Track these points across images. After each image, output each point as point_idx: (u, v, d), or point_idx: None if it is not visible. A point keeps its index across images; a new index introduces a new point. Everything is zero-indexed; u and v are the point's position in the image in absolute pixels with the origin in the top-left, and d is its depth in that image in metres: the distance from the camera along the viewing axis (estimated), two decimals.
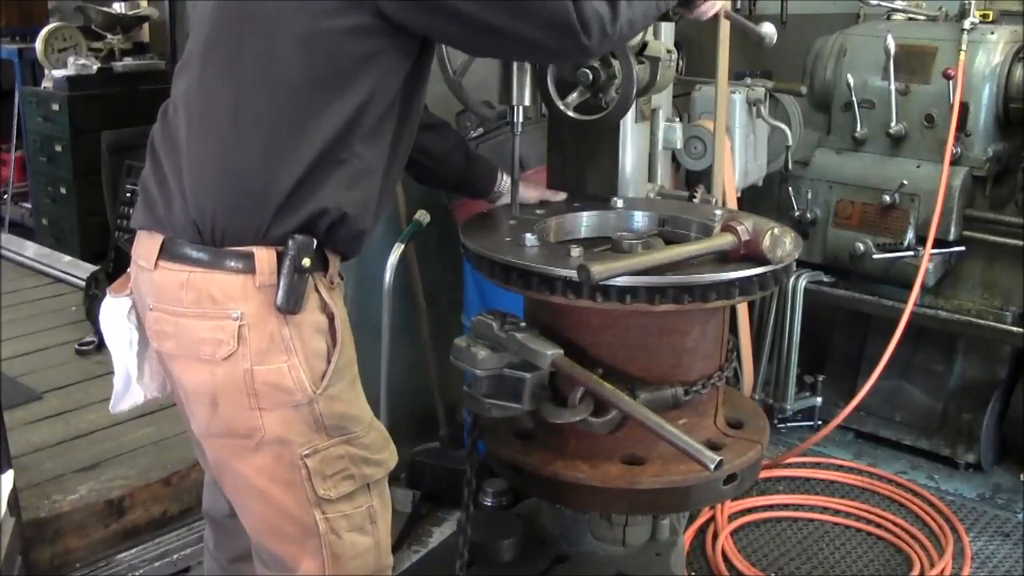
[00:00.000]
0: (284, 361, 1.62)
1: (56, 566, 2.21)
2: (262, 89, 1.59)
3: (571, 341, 1.93)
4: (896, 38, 3.39)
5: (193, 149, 1.63)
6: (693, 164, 3.03)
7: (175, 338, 1.64)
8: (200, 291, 1.61)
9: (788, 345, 3.71)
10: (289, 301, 1.60)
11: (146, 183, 1.72)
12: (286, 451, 1.65)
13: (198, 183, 1.61)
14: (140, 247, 1.71)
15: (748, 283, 1.89)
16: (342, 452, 1.69)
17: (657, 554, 2.32)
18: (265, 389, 1.62)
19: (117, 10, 5.98)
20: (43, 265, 3.98)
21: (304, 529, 1.70)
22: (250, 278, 1.60)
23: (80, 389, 2.85)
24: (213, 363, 1.61)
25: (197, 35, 1.71)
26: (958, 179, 3.38)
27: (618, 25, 1.66)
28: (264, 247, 1.60)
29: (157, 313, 1.66)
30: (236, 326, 1.59)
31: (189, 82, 1.67)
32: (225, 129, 1.60)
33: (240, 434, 1.64)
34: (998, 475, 3.62)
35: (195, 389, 1.66)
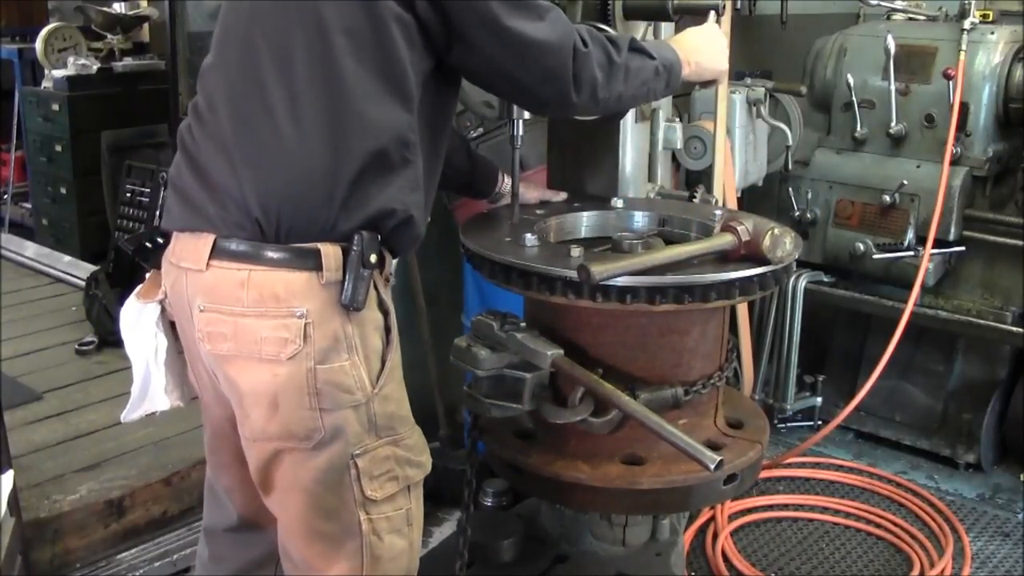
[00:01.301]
0: (346, 359, 1.61)
1: (56, 566, 2.21)
2: (319, 83, 1.57)
3: (571, 341, 1.93)
4: (896, 38, 3.39)
5: (246, 146, 1.60)
6: (693, 164, 3.03)
7: (233, 339, 1.60)
8: (262, 289, 1.57)
9: (788, 345, 3.71)
10: (355, 298, 1.59)
11: (182, 183, 1.68)
12: (340, 452, 1.64)
13: (258, 180, 1.58)
14: (183, 248, 1.66)
15: (748, 283, 1.89)
16: (389, 453, 1.69)
17: (657, 554, 2.32)
18: (327, 389, 1.60)
19: (117, 10, 5.99)
20: (43, 265, 3.98)
21: (346, 530, 1.68)
22: (315, 275, 1.58)
23: (80, 389, 2.85)
24: (276, 363, 1.58)
25: (232, 30, 1.68)
26: (958, 179, 3.38)
27: (609, 94, 1.78)
28: (330, 243, 1.58)
29: (211, 314, 1.61)
30: (302, 324, 1.57)
31: (231, 78, 1.64)
32: (284, 125, 1.57)
33: (298, 435, 1.62)
34: (998, 475, 3.62)
35: (254, 390, 1.61)
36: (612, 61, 1.75)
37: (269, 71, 1.59)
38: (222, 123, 1.63)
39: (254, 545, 1.91)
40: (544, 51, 1.66)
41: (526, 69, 1.68)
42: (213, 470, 1.90)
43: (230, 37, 1.68)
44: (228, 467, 1.85)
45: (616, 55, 1.77)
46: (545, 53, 1.66)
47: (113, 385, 2.85)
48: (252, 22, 1.63)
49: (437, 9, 1.59)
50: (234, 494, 1.88)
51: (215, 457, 1.87)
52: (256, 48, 1.61)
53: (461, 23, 1.61)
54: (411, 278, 3.41)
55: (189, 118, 1.71)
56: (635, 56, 1.81)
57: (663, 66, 1.87)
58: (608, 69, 1.74)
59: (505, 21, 1.61)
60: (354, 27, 1.56)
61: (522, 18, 1.62)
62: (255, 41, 1.61)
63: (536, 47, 1.65)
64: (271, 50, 1.60)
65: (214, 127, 1.64)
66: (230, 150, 1.60)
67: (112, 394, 2.79)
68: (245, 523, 1.90)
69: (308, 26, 1.57)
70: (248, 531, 1.90)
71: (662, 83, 1.88)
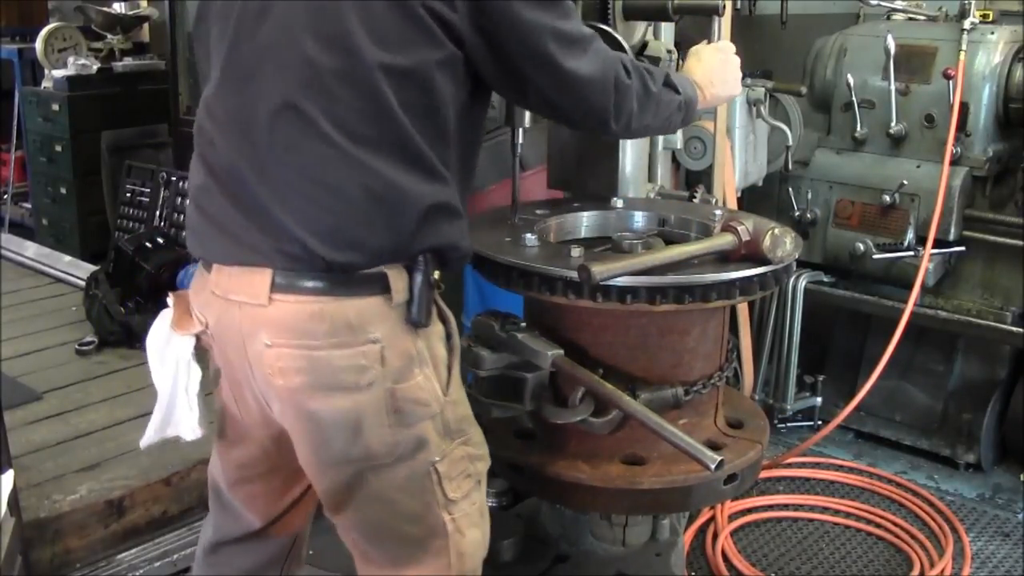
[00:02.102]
0: (419, 375, 1.62)
1: (56, 566, 2.21)
2: (373, 122, 1.53)
3: (572, 341, 1.93)
4: (896, 38, 3.39)
5: (302, 180, 1.54)
6: (693, 164, 3.03)
7: (309, 373, 1.57)
8: (335, 320, 1.55)
9: (788, 345, 3.71)
10: (423, 315, 1.60)
11: (219, 214, 1.61)
12: (421, 461, 1.65)
13: (320, 215, 1.54)
14: (232, 282, 1.60)
15: (748, 283, 1.89)
16: (463, 453, 1.71)
17: (657, 554, 2.32)
18: (406, 406, 1.61)
19: (117, 10, 5.98)
20: (43, 265, 3.98)
21: (431, 531, 1.70)
22: (384, 299, 1.58)
23: (80, 389, 2.85)
24: (356, 391, 1.57)
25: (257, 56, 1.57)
26: (958, 179, 3.38)
27: (640, 124, 1.80)
28: (395, 266, 1.58)
29: (281, 349, 1.57)
30: (378, 349, 1.57)
31: (269, 107, 1.54)
32: (343, 159, 1.53)
33: (380, 454, 1.62)
34: (998, 475, 3.62)
35: (335, 420, 1.60)
36: (648, 92, 1.78)
37: (314, 105, 1.52)
38: (265, 153, 1.56)
39: (267, 548, 1.92)
40: (592, 88, 1.68)
41: (573, 104, 1.71)
42: (235, 484, 1.87)
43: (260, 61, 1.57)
44: (259, 479, 1.83)
45: (652, 87, 1.79)
46: (594, 90, 1.69)
47: (113, 385, 2.85)
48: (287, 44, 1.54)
49: (493, 51, 1.59)
50: (257, 501, 1.87)
51: (243, 472, 1.84)
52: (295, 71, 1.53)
53: (519, 65, 1.62)
54: None
55: (213, 138, 1.63)
56: (666, 90, 1.84)
57: (685, 102, 1.89)
58: (644, 101, 1.77)
59: (562, 63, 1.62)
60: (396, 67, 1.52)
61: (576, 58, 1.64)
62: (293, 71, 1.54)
63: (586, 85, 1.67)
64: (314, 83, 1.52)
65: (254, 157, 1.57)
66: (280, 183, 1.55)
67: (112, 394, 2.79)
68: (264, 529, 1.89)
69: (354, 67, 1.52)
70: (265, 536, 1.90)
71: (680, 118, 1.91)
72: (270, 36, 1.56)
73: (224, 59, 1.62)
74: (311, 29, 1.53)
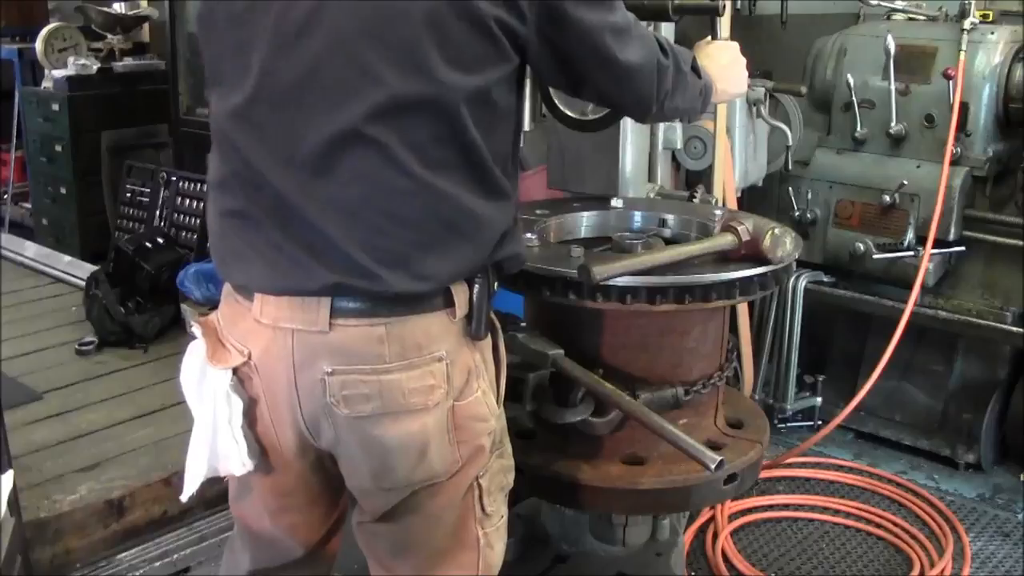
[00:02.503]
0: (477, 390, 1.59)
1: (56, 566, 2.20)
2: (447, 145, 1.48)
3: (572, 341, 1.93)
4: (896, 38, 3.39)
5: (371, 209, 1.47)
6: (693, 164, 3.03)
7: (379, 398, 1.51)
8: (404, 341, 1.51)
9: (788, 345, 3.71)
10: (482, 327, 1.58)
11: (263, 245, 1.52)
12: (469, 475, 1.63)
13: (392, 242, 1.48)
14: (283, 311, 1.52)
15: (749, 283, 1.89)
16: (499, 466, 1.69)
17: (657, 554, 2.33)
18: (465, 423, 1.58)
19: (117, 10, 5.98)
20: (43, 265, 3.97)
21: (463, 544, 1.67)
22: (447, 314, 1.54)
23: (80, 389, 2.84)
24: (425, 411, 1.53)
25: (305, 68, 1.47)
26: (958, 179, 3.38)
27: (672, 107, 1.78)
28: (456, 281, 1.55)
29: (346, 376, 1.51)
30: (444, 366, 1.53)
31: (326, 134, 1.45)
32: (413, 184, 1.46)
33: (440, 474, 1.59)
34: (998, 475, 3.62)
35: (403, 444, 1.55)
36: (681, 73, 1.76)
37: (383, 132, 1.44)
38: (324, 181, 1.47)
39: (311, 570, 1.86)
40: (642, 76, 1.67)
41: (624, 92, 1.70)
42: (276, 513, 1.76)
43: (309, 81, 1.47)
44: (300, 509, 1.75)
45: (683, 67, 1.78)
46: (643, 79, 1.68)
47: (113, 385, 2.84)
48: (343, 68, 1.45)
49: (556, 56, 1.57)
50: (299, 530, 1.78)
51: (284, 500, 1.74)
52: (357, 97, 1.44)
53: (580, 66, 1.60)
54: None
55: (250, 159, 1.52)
56: (692, 74, 1.81)
57: (705, 87, 1.87)
58: (677, 81, 1.75)
59: (619, 56, 1.61)
60: (472, 88, 1.47)
61: (628, 48, 1.62)
62: (355, 95, 1.44)
63: (636, 73, 1.66)
64: (383, 109, 1.44)
65: (310, 187, 1.48)
66: (344, 214, 1.47)
67: (112, 394, 2.78)
68: (307, 556, 1.82)
69: (425, 80, 1.44)
70: (308, 562, 1.83)
71: (701, 103, 1.88)
72: (320, 51, 1.45)
73: (259, 72, 1.50)
74: (375, 46, 1.43)
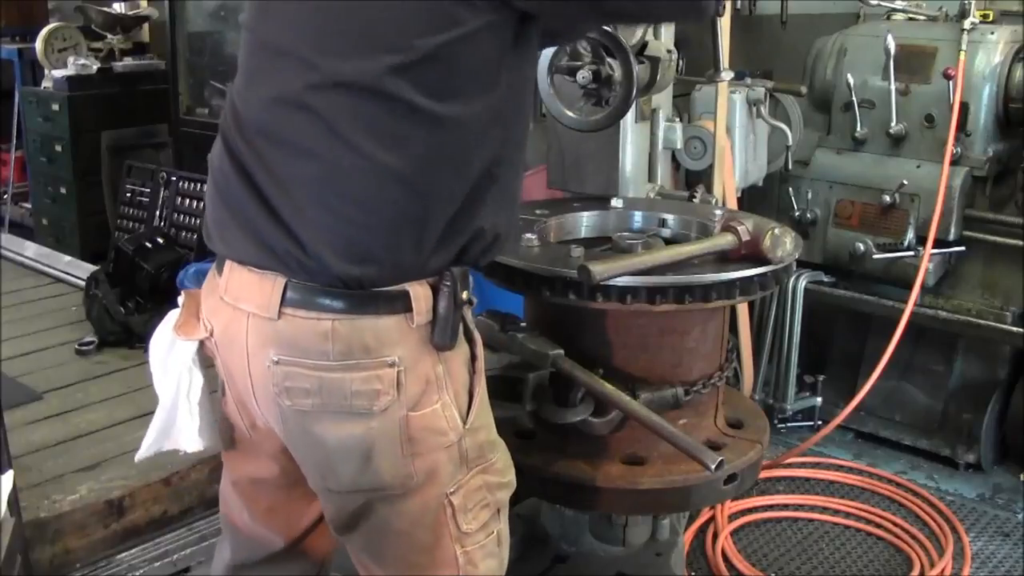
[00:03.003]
0: (437, 401, 1.50)
1: (56, 566, 2.20)
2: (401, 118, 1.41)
3: (572, 341, 1.92)
4: (896, 38, 3.39)
5: (321, 188, 1.44)
6: (693, 164, 3.03)
7: (319, 395, 1.46)
8: (350, 341, 1.44)
9: (788, 345, 3.71)
10: (447, 337, 1.48)
11: (242, 208, 1.49)
12: (434, 493, 1.54)
13: (336, 224, 1.43)
14: (243, 288, 1.50)
15: (749, 283, 1.89)
16: (480, 482, 1.60)
17: (657, 554, 2.32)
18: (420, 435, 1.50)
19: (117, 10, 5.98)
20: (43, 265, 3.97)
21: (442, 562, 1.59)
22: (405, 318, 1.46)
23: (80, 389, 2.84)
24: (369, 416, 1.46)
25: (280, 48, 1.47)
26: (958, 179, 3.38)
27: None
28: (418, 283, 1.47)
29: (289, 368, 1.47)
30: (395, 373, 1.45)
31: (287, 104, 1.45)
32: (367, 167, 1.42)
33: (391, 485, 1.52)
34: (998, 475, 3.62)
35: (345, 446, 1.49)
36: None
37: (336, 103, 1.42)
38: (280, 155, 1.46)
39: (296, 570, 1.82)
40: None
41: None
42: (252, 499, 1.75)
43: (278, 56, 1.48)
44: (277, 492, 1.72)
45: None
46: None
47: (113, 385, 2.84)
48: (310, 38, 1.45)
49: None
50: (278, 516, 1.75)
51: (259, 486, 1.72)
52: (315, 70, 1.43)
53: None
54: None
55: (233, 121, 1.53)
56: None
57: None
58: None
59: None
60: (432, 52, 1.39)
61: None
62: (317, 62, 1.43)
63: None
64: (338, 76, 1.42)
65: (269, 156, 1.47)
66: (294, 187, 1.45)
67: (112, 394, 2.78)
68: (289, 549, 1.78)
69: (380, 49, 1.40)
70: (290, 558, 1.80)
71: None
72: (272, 32, 1.49)
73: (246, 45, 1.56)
74: (313, 27, 1.44)
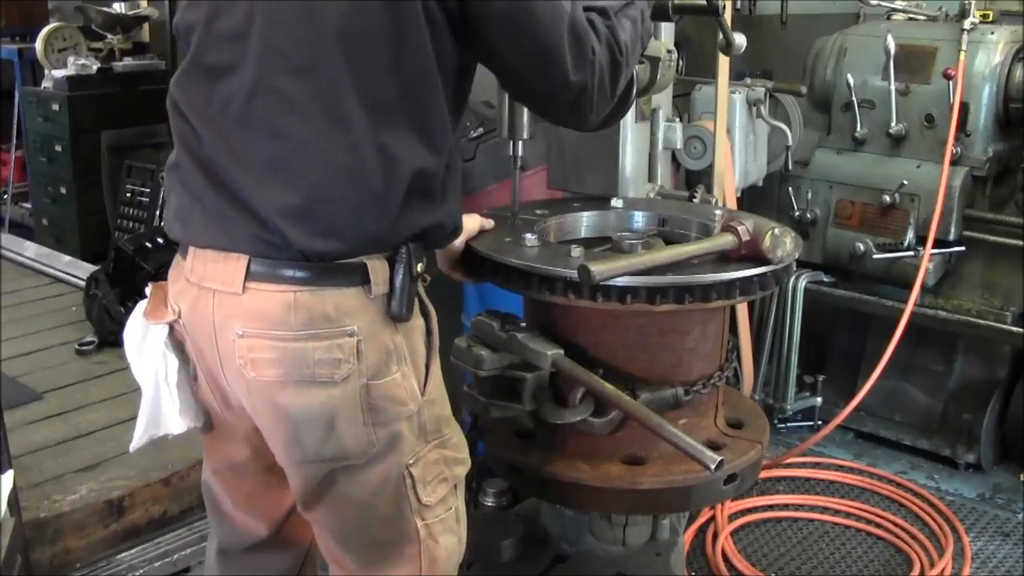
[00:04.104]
0: (396, 372, 1.57)
1: (56, 566, 2.20)
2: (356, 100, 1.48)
3: (571, 341, 1.92)
4: (896, 38, 3.40)
5: (281, 165, 1.50)
6: (693, 164, 3.03)
7: (282, 365, 1.52)
8: (311, 311, 1.51)
9: (788, 345, 3.71)
10: (404, 309, 1.55)
11: (200, 194, 1.56)
12: (395, 463, 1.60)
13: (297, 201, 1.49)
14: (207, 268, 1.56)
15: (749, 283, 1.89)
16: (437, 456, 1.66)
17: (657, 554, 2.32)
18: (381, 404, 1.56)
19: (117, 10, 5.99)
20: (43, 265, 3.97)
21: (403, 536, 1.65)
22: (363, 290, 1.53)
23: (80, 389, 2.84)
24: (331, 385, 1.53)
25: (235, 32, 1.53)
26: (958, 179, 3.38)
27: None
28: (375, 256, 1.54)
29: (254, 340, 1.52)
30: (354, 342, 1.52)
31: (246, 87, 1.50)
32: (324, 145, 1.48)
33: (353, 454, 1.58)
34: (998, 475, 3.62)
35: (309, 414, 1.55)
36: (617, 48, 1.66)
37: (296, 85, 1.48)
38: (242, 136, 1.52)
39: (277, 560, 1.86)
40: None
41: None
42: (231, 485, 1.81)
43: (235, 40, 1.53)
44: (255, 477, 1.77)
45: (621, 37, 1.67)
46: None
47: (113, 385, 2.84)
48: (267, 26, 1.50)
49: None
50: (258, 502, 1.80)
51: (238, 471, 1.77)
52: (275, 56, 1.49)
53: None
54: None
55: (186, 117, 1.59)
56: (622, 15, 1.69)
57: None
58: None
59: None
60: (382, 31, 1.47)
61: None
62: (275, 49, 1.49)
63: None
64: (294, 59, 1.48)
65: (233, 139, 1.53)
66: (257, 169, 1.51)
67: (112, 394, 2.78)
68: (272, 537, 1.83)
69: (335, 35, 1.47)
70: (274, 546, 1.84)
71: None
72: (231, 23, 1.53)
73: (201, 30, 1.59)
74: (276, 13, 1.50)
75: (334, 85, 1.48)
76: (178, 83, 1.62)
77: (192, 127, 1.59)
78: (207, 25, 1.57)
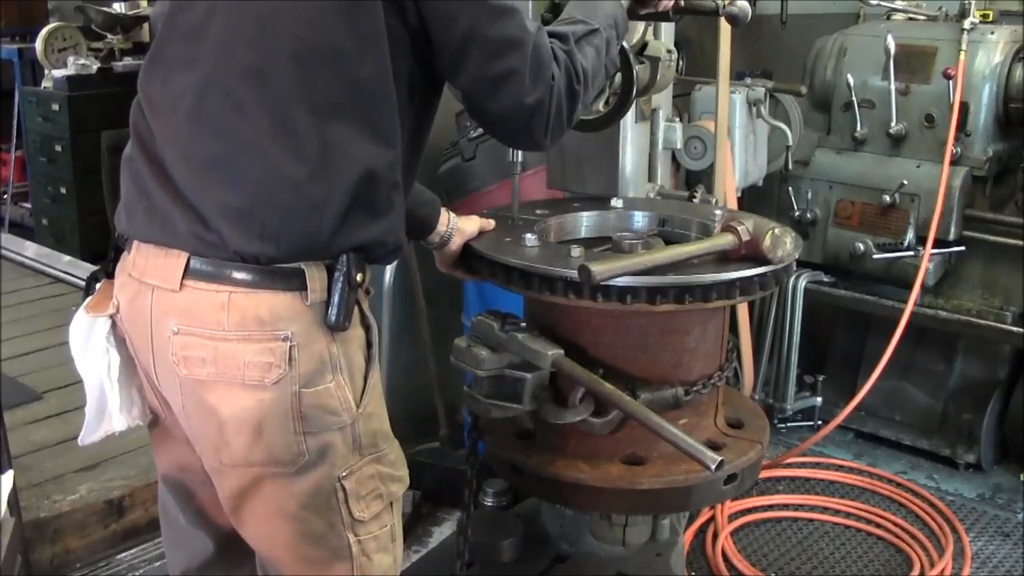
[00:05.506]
0: (331, 381, 1.54)
1: (56, 566, 2.21)
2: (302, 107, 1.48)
3: (571, 341, 1.92)
4: (896, 38, 3.40)
5: (222, 166, 1.51)
6: (693, 164, 3.03)
7: (213, 364, 1.51)
8: (245, 313, 1.49)
9: (788, 345, 3.71)
10: (341, 318, 1.52)
11: (146, 188, 1.58)
12: (326, 474, 1.56)
13: (238, 202, 1.49)
14: (148, 263, 1.56)
15: (749, 283, 1.89)
16: (373, 471, 1.62)
17: (657, 554, 2.32)
18: (312, 412, 1.53)
19: (117, 10, 5.99)
20: (43, 265, 3.97)
21: (335, 553, 1.62)
22: (299, 296, 1.51)
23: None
24: (261, 388, 1.50)
25: (194, 31, 1.54)
26: (958, 179, 3.38)
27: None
28: (314, 263, 1.52)
29: (187, 337, 1.51)
30: (287, 347, 1.49)
31: (199, 84, 1.51)
32: (269, 149, 1.48)
33: (282, 461, 1.54)
34: (998, 475, 3.62)
35: (236, 416, 1.52)
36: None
37: (245, 86, 1.49)
38: (191, 133, 1.53)
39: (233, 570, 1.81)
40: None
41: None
42: (179, 491, 1.76)
43: (193, 36, 1.54)
44: (202, 483, 1.72)
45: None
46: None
47: None
48: (224, 26, 1.51)
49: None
50: (206, 511, 1.76)
51: (186, 475, 1.73)
52: (229, 56, 1.50)
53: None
54: (410, 278, 3.41)
55: (144, 110, 1.62)
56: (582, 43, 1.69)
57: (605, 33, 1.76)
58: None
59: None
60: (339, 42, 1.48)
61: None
62: (229, 49, 1.50)
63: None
64: (245, 61, 1.49)
65: (182, 135, 1.54)
66: (201, 166, 1.52)
67: None
68: (227, 549, 1.78)
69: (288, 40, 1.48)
70: (231, 558, 1.79)
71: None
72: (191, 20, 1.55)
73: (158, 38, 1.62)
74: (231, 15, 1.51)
75: (283, 90, 1.48)
76: (142, 75, 1.64)
77: (147, 121, 1.61)
78: (170, 19, 1.59)
